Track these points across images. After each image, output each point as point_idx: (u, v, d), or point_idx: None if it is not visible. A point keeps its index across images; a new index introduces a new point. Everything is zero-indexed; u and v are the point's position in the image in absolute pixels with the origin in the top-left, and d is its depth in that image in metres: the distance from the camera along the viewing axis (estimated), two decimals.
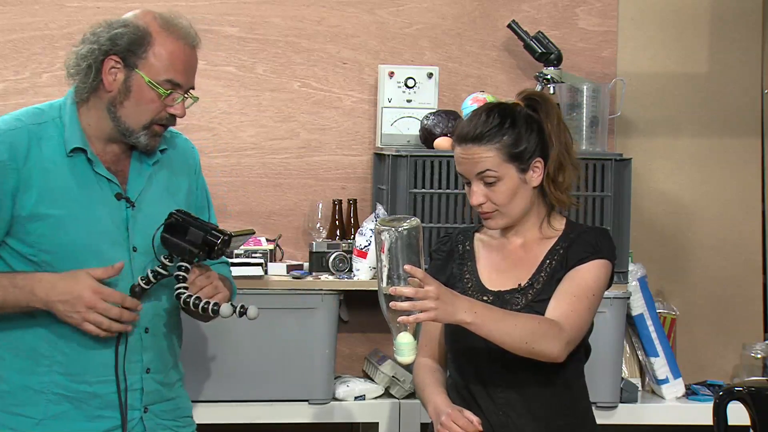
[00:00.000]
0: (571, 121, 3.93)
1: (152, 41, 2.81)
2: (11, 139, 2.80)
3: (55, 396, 2.81)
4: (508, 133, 2.85)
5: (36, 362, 2.81)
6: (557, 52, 4.04)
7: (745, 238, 4.34)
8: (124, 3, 3.97)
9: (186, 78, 2.84)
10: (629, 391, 3.91)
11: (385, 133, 4.00)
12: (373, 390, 3.88)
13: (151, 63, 2.81)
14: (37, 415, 2.82)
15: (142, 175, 2.89)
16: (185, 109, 2.85)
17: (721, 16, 4.30)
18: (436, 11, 4.16)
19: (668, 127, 4.30)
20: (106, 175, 2.84)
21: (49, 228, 2.79)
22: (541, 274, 2.88)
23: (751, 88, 4.34)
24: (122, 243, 2.83)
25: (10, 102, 3.93)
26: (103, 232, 2.82)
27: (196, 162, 3.05)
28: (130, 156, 2.90)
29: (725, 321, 4.32)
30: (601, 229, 3.02)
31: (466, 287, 2.92)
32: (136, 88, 2.82)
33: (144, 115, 2.82)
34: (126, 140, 2.84)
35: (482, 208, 2.87)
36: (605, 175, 3.83)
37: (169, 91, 2.81)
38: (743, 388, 3.16)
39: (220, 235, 2.78)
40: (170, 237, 2.78)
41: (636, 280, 3.96)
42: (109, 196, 2.84)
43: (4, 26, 3.94)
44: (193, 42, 2.86)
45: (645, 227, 4.22)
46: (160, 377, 2.90)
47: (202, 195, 3.05)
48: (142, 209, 2.86)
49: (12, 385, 2.83)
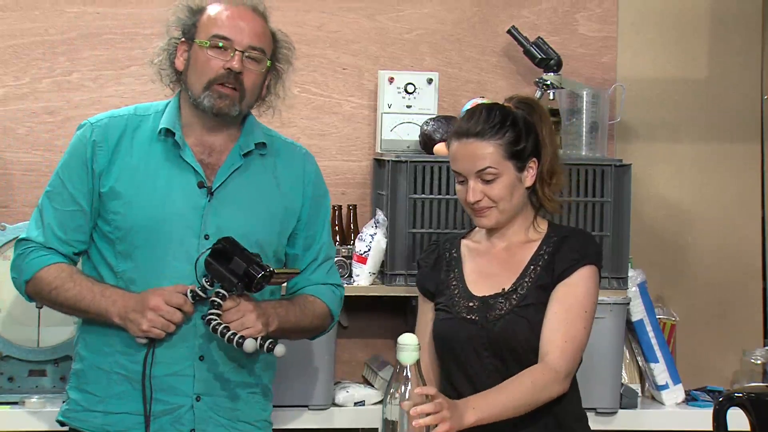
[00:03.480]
0: (571, 126, 3.94)
1: (203, 11, 2.96)
2: (108, 124, 2.98)
3: (117, 376, 2.93)
4: (509, 131, 2.90)
5: (104, 343, 2.94)
6: (557, 58, 4.04)
7: (745, 243, 4.34)
8: (124, 8, 3.98)
9: (235, 33, 2.91)
10: (629, 396, 3.90)
11: (385, 139, 4.00)
12: (372, 396, 3.88)
13: (200, 29, 2.94)
14: (101, 393, 2.94)
15: (230, 168, 2.96)
16: (242, 63, 2.90)
17: (721, 22, 4.30)
18: (435, 17, 4.16)
19: (668, 133, 4.30)
20: (191, 163, 2.93)
21: (123, 206, 2.92)
22: (525, 279, 2.91)
23: (751, 94, 4.34)
24: (195, 229, 2.90)
25: (10, 107, 3.93)
26: (177, 215, 2.90)
27: (308, 175, 3.08)
28: (229, 151, 2.97)
29: (725, 327, 4.32)
30: (583, 231, 3.08)
31: (453, 294, 2.95)
32: (193, 55, 2.94)
33: (202, 76, 2.91)
34: (199, 109, 2.92)
35: (479, 205, 2.89)
36: (605, 180, 3.83)
37: (218, 46, 2.88)
38: (743, 394, 3.16)
39: (261, 270, 2.79)
40: (213, 262, 2.82)
41: (636, 286, 3.96)
42: (192, 182, 2.93)
43: (4, 32, 3.94)
44: (247, 5, 2.95)
45: (645, 233, 4.22)
46: (214, 367, 2.92)
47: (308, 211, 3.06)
48: (220, 199, 2.93)
49: (85, 363, 2.98)
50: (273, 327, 2.88)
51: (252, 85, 2.94)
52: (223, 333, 2.77)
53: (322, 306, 3.07)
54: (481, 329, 2.90)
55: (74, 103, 3.96)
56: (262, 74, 2.97)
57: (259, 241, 2.95)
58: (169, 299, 2.83)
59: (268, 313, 2.88)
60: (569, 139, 3.94)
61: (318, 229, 3.10)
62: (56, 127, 3.95)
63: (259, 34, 2.94)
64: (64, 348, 3.71)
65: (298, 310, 3.00)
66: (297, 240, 3.07)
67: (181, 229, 2.90)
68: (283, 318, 2.93)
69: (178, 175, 2.93)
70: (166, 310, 2.82)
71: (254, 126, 3.04)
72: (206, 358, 2.92)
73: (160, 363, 2.89)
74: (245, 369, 2.98)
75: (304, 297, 3.05)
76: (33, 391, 3.69)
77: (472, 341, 2.90)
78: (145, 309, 2.83)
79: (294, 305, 3.00)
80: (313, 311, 3.05)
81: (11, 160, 3.94)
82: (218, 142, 2.98)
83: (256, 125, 3.05)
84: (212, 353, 2.92)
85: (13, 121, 3.94)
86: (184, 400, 2.92)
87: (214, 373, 2.93)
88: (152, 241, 2.90)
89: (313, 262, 3.09)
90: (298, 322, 3.00)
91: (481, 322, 2.90)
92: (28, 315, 3.70)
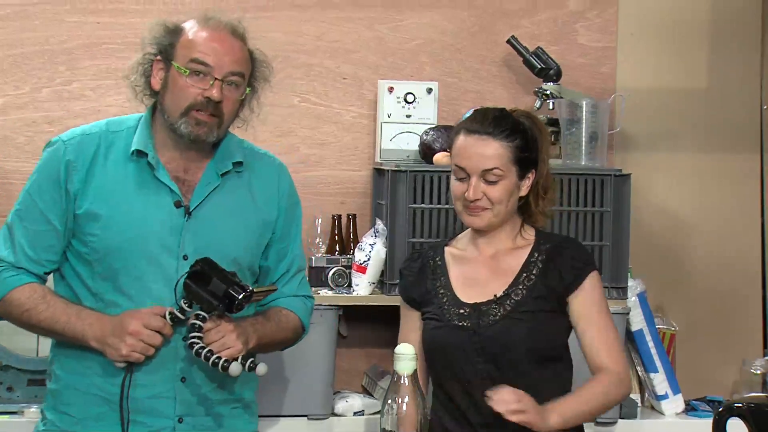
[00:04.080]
0: (571, 136, 3.94)
1: (183, 32, 2.88)
2: (81, 142, 2.90)
3: (95, 397, 2.88)
4: (519, 137, 2.94)
5: (81, 364, 2.89)
6: (556, 68, 4.04)
7: (745, 253, 4.34)
8: (124, 18, 3.98)
9: (216, 59, 2.84)
10: (628, 407, 3.90)
11: (385, 149, 4.00)
12: (372, 405, 3.88)
13: (178, 51, 2.87)
14: (78, 414, 2.90)
15: (207, 187, 2.92)
16: (222, 92, 2.84)
17: (720, 32, 4.31)
18: (435, 27, 4.16)
19: (667, 143, 4.30)
20: (167, 182, 2.88)
21: (100, 228, 2.86)
22: (518, 286, 2.93)
23: (750, 104, 4.34)
24: (173, 249, 2.86)
25: (10, 117, 3.94)
26: (154, 236, 2.86)
27: (282, 187, 3.05)
28: (204, 168, 2.92)
29: (725, 336, 4.31)
30: (574, 240, 3.14)
31: (441, 302, 2.96)
32: (171, 78, 2.87)
33: (180, 101, 2.85)
34: (175, 133, 2.86)
35: (476, 204, 2.90)
36: (604, 190, 3.83)
37: (197, 72, 2.83)
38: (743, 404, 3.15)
39: (242, 291, 2.76)
40: (192, 284, 2.78)
41: (635, 296, 3.96)
42: (168, 202, 2.88)
43: (4, 41, 3.94)
44: (226, 27, 2.88)
45: (644, 242, 4.22)
46: (196, 389, 2.90)
47: (282, 223, 3.04)
48: (198, 219, 2.89)
49: (61, 384, 2.93)
50: (252, 344, 2.86)
51: (231, 111, 2.89)
52: (207, 357, 2.74)
53: (295, 319, 3.04)
54: (473, 335, 2.91)
55: (74, 112, 3.96)
56: (240, 99, 2.92)
57: (237, 258, 2.92)
58: (148, 323, 2.78)
59: (247, 331, 2.85)
60: (569, 149, 3.94)
61: (291, 240, 3.07)
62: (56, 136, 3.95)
63: (238, 59, 2.88)
64: None
65: (273, 324, 2.97)
66: (270, 252, 3.04)
67: (158, 250, 2.85)
68: (261, 334, 2.90)
69: (154, 194, 2.87)
70: (146, 334, 2.77)
71: (231, 143, 2.98)
72: (188, 379, 2.89)
73: (141, 385, 2.84)
74: (226, 387, 2.95)
75: (278, 310, 3.02)
76: (32, 401, 3.69)
77: (465, 348, 2.91)
78: (124, 334, 2.77)
79: (269, 320, 2.97)
80: (287, 324, 3.02)
81: (11, 170, 3.94)
82: (193, 159, 2.92)
83: (233, 142, 2.99)
84: (194, 375, 2.88)
85: (13, 131, 3.95)
86: (166, 422, 2.88)
87: (197, 394, 2.90)
88: (131, 263, 2.84)
89: (285, 274, 3.06)
90: (273, 337, 2.97)
91: (474, 328, 2.92)
92: None
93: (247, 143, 3.06)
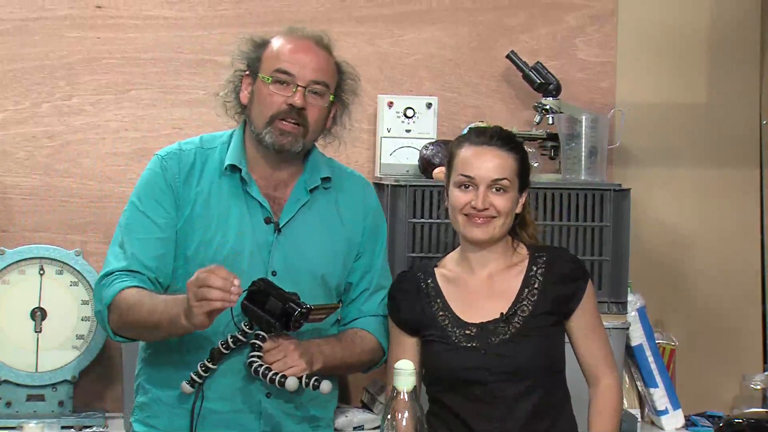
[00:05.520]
0: (570, 151, 3.94)
1: (269, 45, 2.95)
2: (180, 157, 2.97)
3: (180, 410, 2.90)
4: (521, 153, 2.98)
5: (167, 376, 2.92)
6: (556, 83, 4.05)
7: (745, 268, 4.34)
8: (124, 33, 3.99)
9: (299, 68, 2.89)
10: (628, 422, 3.89)
11: (384, 163, 4.00)
12: (371, 420, 3.88)
13: (263, 63, 2.93)
14: (165, 427, 2.93)
15: (297, 203, 2.95)
16: (305, 99, 2.88)
17: (720, 47, 4.31)
18: (435, 42, 4.17)
19: (667, 158, 4.30)
20: (258, 198, 2.92)
21: (197, 243, 2.90)
22: (522, 303, 2.93)
23: (750, 119, 4.34)
24: (262, 265, 2.89)
25: (10, 132, 3.94)
26: (244, 252, 2.89)
27: (368, 205, 3.08)
28: (293, 186, 2.96)
29: (725, 352, 4.31)
30: (565, 250, 3.19)
31: (443, 325, 2.94)
32: (257, 90, 2.93)
33: (264, 110, 2.90)
34: (262, 145, 2.91)
35: (483, 213, 2.90)
36: (604, 205, 3.83)
37: (281, 81, 2.88)
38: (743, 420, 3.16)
39: (298, 308, 2.77)
40: (249, 305, 2.79)
41: (635, 311, 3.95)
42: (259, 218, 2.92)
43: (5, 56, 3.95)
44: (310, 38, 2.94)
45: (644, 257, 4.22)
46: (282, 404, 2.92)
47: (366, 240, 3.05)
48: (288, 235, 2.92)
49: (149, 397, 2.96)
50: (318, 365, 2.85)
51: (315, 120, 2.93)
52: (264, 374, 2.77)
53: (372, 340, 3.04)
54: (483, 355, 2.90)
55: (74, 127, 3.96)
56: (326, 108, 2.96)
57: (324, 275, 2.95)
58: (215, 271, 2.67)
59: (312, 352, 2.86)
60: (568, 164, 3.94)
61: (375, 257, 3.08)
62: (56, 151, 3.95)
63: (322, 68, 2.93)
64: (63, 373, 3.70)
65: (345, 346, 2.97)
66: (355, 270, 3.06)
67: (248, 267, 2.88)
68: (328, 356, 2.90)
69: (247, 210, 2.92)
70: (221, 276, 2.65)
71: (318, 159, 3.03)
72: (274, 394, 2.90)
73: (224, 399, 2.87)
74: (309, 405, 2.97)
75: (353, 332, 3.03)
76: (31, 416, 3.68)
77: (477, 367, 2.90)
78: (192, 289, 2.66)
79: (340, 342, 2.98)
80: (362, 346, 3.02)
81: (11, 185, 3.94)
82: (283, 176, 2.97)
83: (320, 158, 3.05)
84: (279, 391, 2.86)
85: (13, 146, 3.95)
86: None
87: (282, 409, 2.92)
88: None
89: (365, 291, 3.07)
90: (344, 359, 2.97)
91: (483, 348, 2.91)
92: (26, 339, 3.70)
93: (335, 162, 3.11)
